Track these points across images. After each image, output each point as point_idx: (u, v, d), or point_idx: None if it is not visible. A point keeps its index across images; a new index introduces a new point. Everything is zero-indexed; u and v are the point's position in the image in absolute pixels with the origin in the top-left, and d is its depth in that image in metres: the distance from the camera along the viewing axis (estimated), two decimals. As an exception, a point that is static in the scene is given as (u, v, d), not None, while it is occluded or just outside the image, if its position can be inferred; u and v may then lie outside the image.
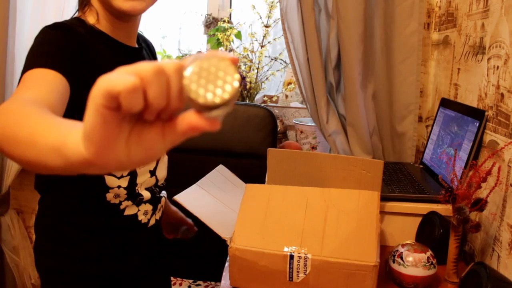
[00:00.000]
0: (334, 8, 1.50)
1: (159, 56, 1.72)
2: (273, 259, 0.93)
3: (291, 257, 0.92)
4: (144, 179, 1.05)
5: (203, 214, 1.17)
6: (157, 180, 1.11)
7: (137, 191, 1.04)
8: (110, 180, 0.99)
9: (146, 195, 1.07)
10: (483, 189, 1.01)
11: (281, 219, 0.99)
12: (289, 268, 0.93)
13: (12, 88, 1.74)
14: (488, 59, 1.16)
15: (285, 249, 0.93)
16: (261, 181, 1.19)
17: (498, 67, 1.09)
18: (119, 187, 1.01)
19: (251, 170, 1.45)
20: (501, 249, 1.01)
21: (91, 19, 0.97)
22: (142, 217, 1.08)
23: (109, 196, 1.01)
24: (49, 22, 0.90)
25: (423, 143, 1.67)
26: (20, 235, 1.97)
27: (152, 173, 1.09)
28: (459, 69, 1.38)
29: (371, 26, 1.53)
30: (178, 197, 1.17)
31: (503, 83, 1.06)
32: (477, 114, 1.18)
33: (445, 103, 1.45)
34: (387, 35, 1.56)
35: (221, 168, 1.35)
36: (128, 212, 1.05)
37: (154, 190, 1.10)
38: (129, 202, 1.04)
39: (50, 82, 0.80)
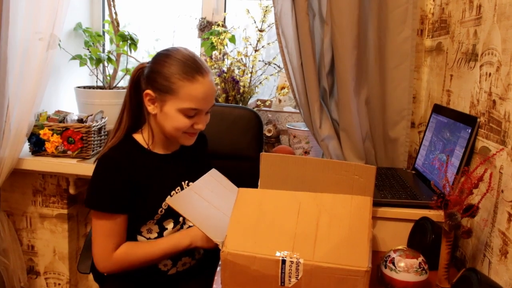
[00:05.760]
0: (328, 14, 1.50)
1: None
2: (265, 263, 0.93)
3: (283, 261, 0.92)
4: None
5: (196, 218, 1.17)
6: None
7: None
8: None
9: None
10: (474, 195, 1.02)
11: (274, 223, 0.98)
12: (281, 272, 0.92)
13: (4, 89, 1.72)
14: (481, 66, 1.16)
15: (277, 253, 0.93)
16: (248, 182, 1.18)
17: (490, 74, 1.10)
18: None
19: (238, 172, 1.44)
20: (492, 255, 1.02)
21: (146, 138, 1.29)
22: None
23: (140, 238, 1.30)
24: (43, 24, 0.89)
25: (415, 148, 1.68)
26: (10, 237, 1.95)
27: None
28: (451, 75, 1.39)
29: (365, 32, 1.54)
30: (171, 201, 1.17)
31: (495, 90, 1.06)
32: (469, 120, 1.18)
33: (437, 109, 1.46)
34: (380, 41, 1.57)
35: (213, 172, 1.35)
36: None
37: None
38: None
39: (120, 225, 1.24)
